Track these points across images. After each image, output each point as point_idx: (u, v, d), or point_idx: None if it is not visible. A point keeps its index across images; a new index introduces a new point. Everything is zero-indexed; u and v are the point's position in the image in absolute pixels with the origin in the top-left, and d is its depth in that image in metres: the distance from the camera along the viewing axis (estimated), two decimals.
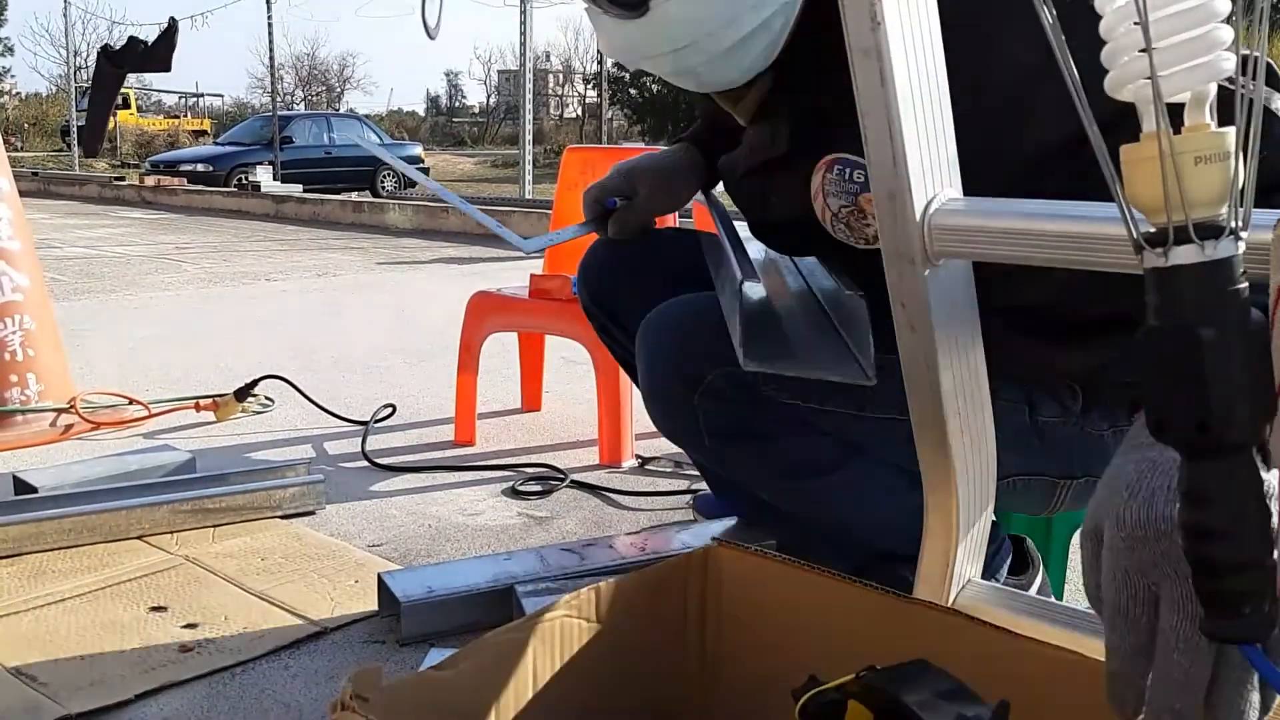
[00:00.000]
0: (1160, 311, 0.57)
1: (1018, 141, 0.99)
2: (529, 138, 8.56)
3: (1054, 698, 0.70)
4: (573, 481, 1.97)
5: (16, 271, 2.32)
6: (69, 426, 2.29)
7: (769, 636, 0.85)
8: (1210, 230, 0.56)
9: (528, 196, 8.32)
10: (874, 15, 0.76)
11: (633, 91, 29.08)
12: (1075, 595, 1.49)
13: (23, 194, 2.62)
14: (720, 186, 1.38)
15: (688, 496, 1.88)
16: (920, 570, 0.95)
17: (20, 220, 2.39)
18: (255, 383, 2.49)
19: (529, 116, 8.52)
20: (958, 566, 0.93)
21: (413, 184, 15.02)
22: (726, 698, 0.88)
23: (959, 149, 0.82)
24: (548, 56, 39.25)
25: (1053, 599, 1.29)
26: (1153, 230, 0.58)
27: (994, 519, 1.02)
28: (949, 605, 0.88)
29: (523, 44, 8.20)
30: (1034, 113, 0.98)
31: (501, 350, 2.63)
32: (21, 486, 1.79)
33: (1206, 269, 0.56)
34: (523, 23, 8.15)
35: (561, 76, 39.44)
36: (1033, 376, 1.10)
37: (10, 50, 34.24)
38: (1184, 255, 0.56)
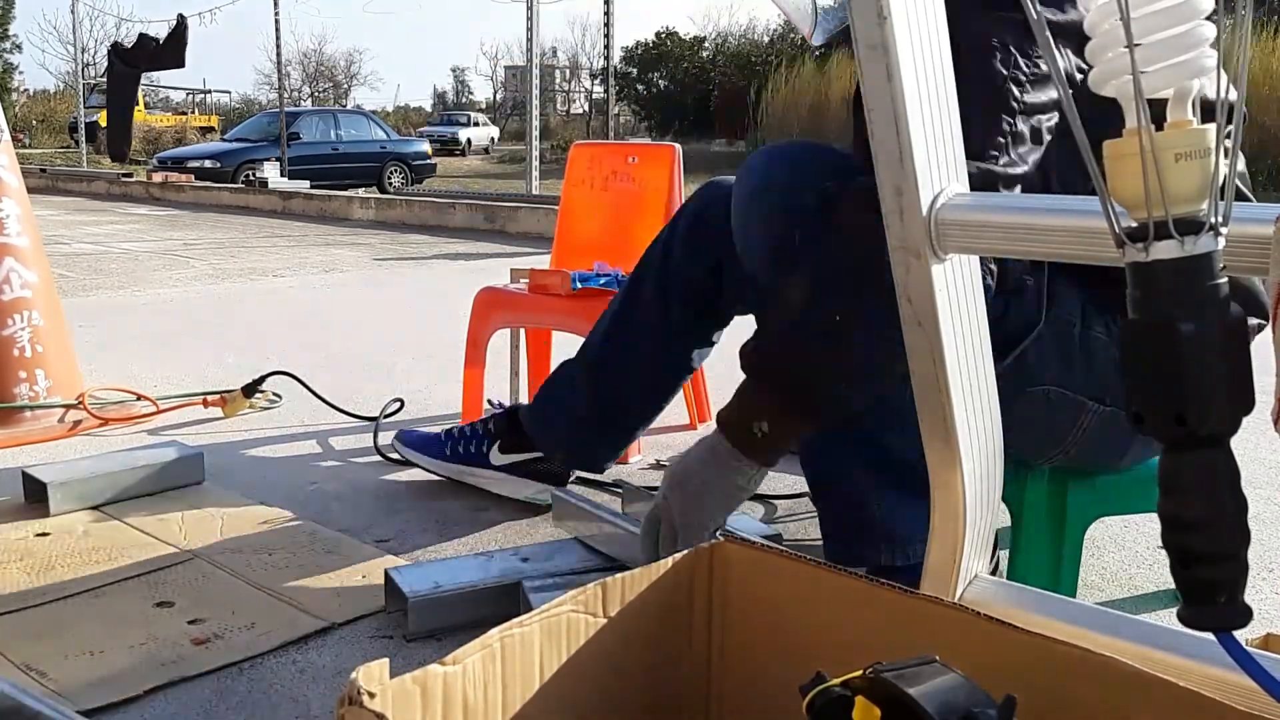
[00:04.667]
0: (1140, 305, 0.57)
1: None
2: (536, 134, 8.54)
3: (1063, 693, 0.70)
4: (580, 478, 1.97)
5: (25, 268, 2.33)
6: (77, 422, 2.30)
7: (776, 632, 0.85)
8: (1190, 226, 0.56)
9: (534, 192, 8.30)
10: (881, 10, 0.76)
11: (640, 88, 29.06)
12: (1087, 593, 1.49)
13: (31, 190, 2.63)
14: None
15: None
16: (927, 565, 0.94)
17: (28, 217, 2.39)
18: (263, 379, 2.50)
19: (536, 112, 8.51)
20: (965, 562, 0.93)
21: (419, 180, 15.03)
22: (733, 693, 0.88)
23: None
24: (555, 52, 39.27)
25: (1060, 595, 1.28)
26: (1134, 225, 0.58)
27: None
28: (956, 601, 0.88)
29: (530, 40, 8.19)
30: None
31: (508, 345, 2.63)
32: (30, 482, 1.80)
33: (1186, 264, 0.56)
34: (529, 18, 8.14)
35: (568, 72, 39.42)
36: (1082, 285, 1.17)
37: (18, 48, 34.32)
38: (1164, 250, 0.57)
